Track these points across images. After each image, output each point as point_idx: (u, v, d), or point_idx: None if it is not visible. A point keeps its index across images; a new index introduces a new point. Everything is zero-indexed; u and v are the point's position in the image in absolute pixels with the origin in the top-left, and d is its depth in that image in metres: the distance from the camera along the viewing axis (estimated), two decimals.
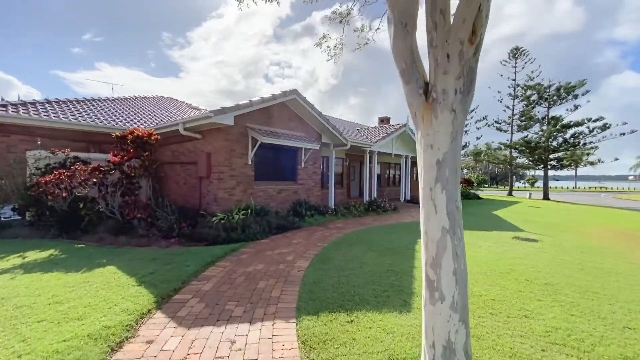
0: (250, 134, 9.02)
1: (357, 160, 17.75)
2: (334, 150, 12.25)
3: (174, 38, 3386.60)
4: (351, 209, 12.16)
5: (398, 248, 6.56)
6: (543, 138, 28.82)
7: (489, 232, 9.18)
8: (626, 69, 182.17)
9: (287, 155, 10.66)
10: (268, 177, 9.99)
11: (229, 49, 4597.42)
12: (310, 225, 9.35)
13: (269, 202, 9.75)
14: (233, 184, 8.72)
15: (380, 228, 9.04)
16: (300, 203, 10.43)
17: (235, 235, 6.86)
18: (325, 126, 10.91)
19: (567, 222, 12.27)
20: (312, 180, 11.33)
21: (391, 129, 15.29)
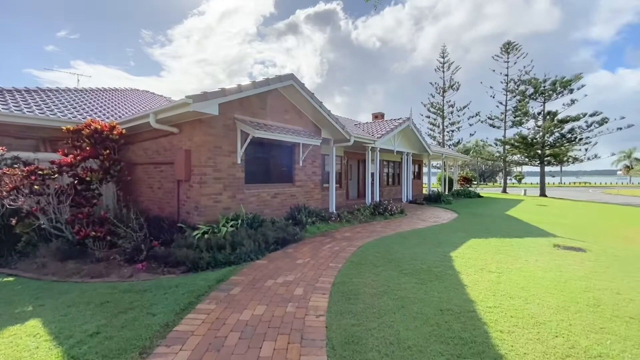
0: (239, 127, 7.42)
1: (354, 158, 16.32)
2: (334, 147, 10.77)
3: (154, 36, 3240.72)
4: (355, 213, 10.71)
5: (434, 268, 5.13)
6: (540, 134, 28.20)
7: (521, 238, 7.89)
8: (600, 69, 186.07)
9: (283, 153, 9.10)
10: (261, 178, 8.40)
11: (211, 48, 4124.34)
12: (313, 235, 7.83)
13: (262, 208, 8.17)
14: (219, 189, 7.10)
15: (396, 238, 7.60)
16: (299, 208, 8.89)
17: (223, 257, 5.27)
18: (327, 119, 9.40)
19: (592, 223, 11.19)
20: (312, 181, 9.81)
21: (394, 123, 13.93)
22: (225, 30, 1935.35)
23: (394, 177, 19.85)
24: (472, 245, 6.95)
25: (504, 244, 7.21)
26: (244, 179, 7.70)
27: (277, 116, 8.53)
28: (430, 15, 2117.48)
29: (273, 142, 8.58)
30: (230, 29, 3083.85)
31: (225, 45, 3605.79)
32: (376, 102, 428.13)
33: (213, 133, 7.00)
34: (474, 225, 9.64)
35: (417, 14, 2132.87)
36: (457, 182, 25.67)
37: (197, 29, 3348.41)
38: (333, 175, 10.79)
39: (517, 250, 6.59)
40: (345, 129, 9.96)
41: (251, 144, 7.93)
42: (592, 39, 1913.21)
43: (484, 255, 6.10)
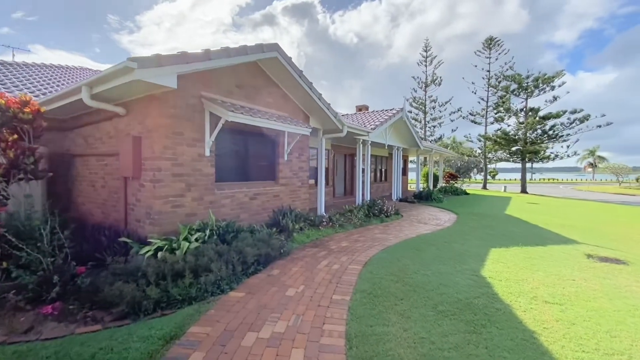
0: (208, 108, 5.71)
1: (341, 152, 14.89)
2: (323, 139, 9.23)
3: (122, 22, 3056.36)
4: (347, 215, 9.27)
5: (475, 300, 3.78)
6: (522, 130, 28.08)
7: (544, 246, 6.78)
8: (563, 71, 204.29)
9: (264, 144, 7.45)
10: (237, 175, 6.74)
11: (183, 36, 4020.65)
12: (302, 245, 6.30)
13: (238, 213, 6.52)
14: (180, 189, 5.39)
15: (404, 249, 6.23)
16: (284, 212, 7.31)
17: (180, 290, 3.62)
18: (317, 103, 7.83)
19: (598, 224, 10.42)
20: (299, 178, 8.23)
21: (388, 114, 12.57)
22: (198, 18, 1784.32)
23: (382, 174, 18.65)
24: (499, 258, 5.71)
25: (531, 255, 6.04)
26: (215, 176, 6.02)
27: (257, 98, 6.86)
28: (406, 13, 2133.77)
29: (252, 130, 6.91)
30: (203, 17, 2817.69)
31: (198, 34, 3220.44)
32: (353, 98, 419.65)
33: (172, 114, 5.25)
34: (482, 230, 8.49)
35: (394, 10, 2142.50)
36: (442, 178, 24.96)
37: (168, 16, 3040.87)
38: (322, 171, 9.27)
39: (553, 265, 5.42)
40: (339, 117, 8.45)
41: (224, 131, 6.24)
42: (557, 42, 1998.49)
43: (521, 274, 4.85)
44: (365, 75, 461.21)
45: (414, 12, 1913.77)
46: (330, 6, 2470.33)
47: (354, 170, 15.69)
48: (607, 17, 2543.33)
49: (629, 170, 49.54)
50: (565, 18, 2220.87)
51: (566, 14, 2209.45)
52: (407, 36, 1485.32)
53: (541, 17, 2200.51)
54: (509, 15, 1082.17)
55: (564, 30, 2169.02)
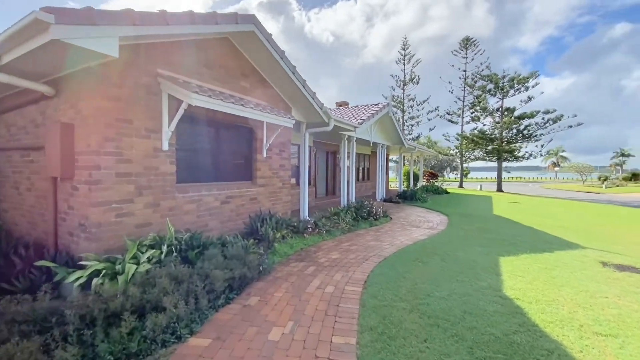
0: (166, 88, 4.52)
1: (323, 149, 13.93)
2: (307, 134, 8.18)
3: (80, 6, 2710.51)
4: (333, 218, 8.30)
5: (514, 336, 2.92)
6: (498, 129, 28.46)
7: (551, 253, 6.16)
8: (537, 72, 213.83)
9: (239, 138, 6.31)
10: (204, 175, 5.57)
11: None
12: (285, 259, 5.25)
13: (207, 221, 5.36)
14: (127, 193, 4.17)
15: (406, 260, 5.34)
16: (263, 217, 6.21)
17: (111, 346, 2.47)
18: (300, 91, 6.78)
19: (590, 225, 10.14)
20: (279, 178, 7.15)
21: (374, 109, 11.71)
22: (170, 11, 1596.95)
23: (364, 172, 17.89)
24: (513, 270, 4.96)
25: (545, 264, 5.37)
26: (176, 176, 4.82)
27: (230, 82, 5.71)
28: (380, 13, 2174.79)
29: (224, 120, 5.76)
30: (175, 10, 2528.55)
31: None
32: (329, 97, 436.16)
33: (116, 96, 4.02)
34: (479, 234, 7.83)
35: (369, 10, 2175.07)
36: (423, 177, 24.68)
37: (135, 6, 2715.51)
38: (305, 170, 8.23)
39: (573, 277, 4.75)
40: (325, 109, 7.44)
41: (188, 120, 5.07)
42: (521, 48, 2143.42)
43: (548, 292, 4.10)
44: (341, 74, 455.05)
45: (388, 13, 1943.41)
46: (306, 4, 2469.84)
47: (336, 169, 14.78)
48: (567, 25, 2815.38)
49: (592, 169, 52.43)
50: (529, 25, 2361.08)
51: (530, 21, 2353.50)
52: (382, 36, 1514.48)
53: (507, 23, 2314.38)
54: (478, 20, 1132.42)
55: (528, 37, 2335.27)
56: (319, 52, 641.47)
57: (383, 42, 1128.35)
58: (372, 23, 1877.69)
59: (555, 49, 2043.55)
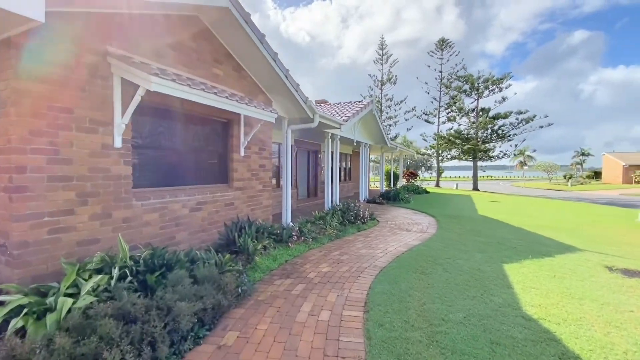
0: (118, 70, 3.63)
1: (304, 149, 13.21)
2: (289, 131, 7.42)
3: None
4: (318, 223, 7.61)
5: None
6: (473, 129, 28.97)
7: (552, 257, 5.82)
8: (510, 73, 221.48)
9: (212, 134, 5.47)
10: (170, 178, 4.69)
11: None
12: (268, 274, 4.49)
13: (173, 233, 4.49)
14: (65, 202, 3.26)
15: (405, 271, 4.74)
16: (241, 226, 5.41)
17: None
18: (282, 82, 6.02)
19: (578, 225, 10.09)
20: (259, 180, 6.35)
21: (359, 106, 11.13)
22: None
23: (345, 172, 17.34)
24: (524, 281, 4.49)
25: (551, 271, 4.97)
26: (132, 179, 3.93)
27: (200, 67, 4.86)
28: (355, 14, 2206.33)
29: (193, 113, 4.91)
30: None
31: None
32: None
33: (50, 77, 3.11)
34: (472, 237, 7.43)
35: (344, 12, 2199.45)
36: (402, 176, 24.57)
37: None
38: (288, 171, 7.46)
39: (587, 286, 4.36)
40: (310, 104, 6.71)
41: (150, 112, 4.20)
42: (488, 52, 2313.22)
43: (570, 308, 3.64)
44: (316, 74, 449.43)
45: (363, 15, 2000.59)
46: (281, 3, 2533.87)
47: (317, 169, 14.11)
48: (530, 32, 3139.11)
49: (558, 168, 55.23)
50: (495, 30, 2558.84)
51: (496, 27, 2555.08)
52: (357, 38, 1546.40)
53: (476, 29, 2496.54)
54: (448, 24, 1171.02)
55: (494, 42, 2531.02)
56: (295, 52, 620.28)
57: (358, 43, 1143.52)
58: (347, 24, 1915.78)
59: (519, 53, 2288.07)
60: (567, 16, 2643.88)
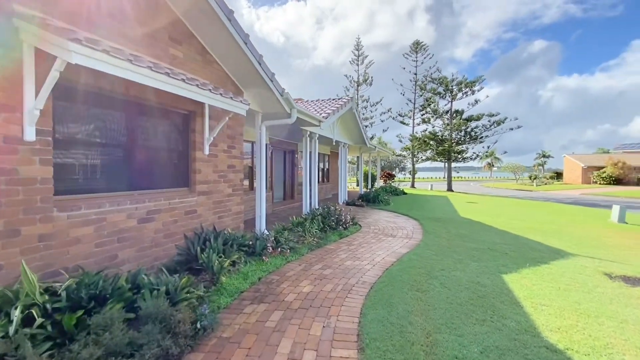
0: (28, 37, 2.69)
1: (280, 148, 12.39)
2: (264, 127, 6.60)
3: None
4: (296, 230, 6.86)
5: None
6: (448, 131, 29.38)
7: (547, 264, 5.44)
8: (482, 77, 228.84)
9: (169, 128, 4.55)
10: (109, 181, 3.76)
11: None
12: (236, 299, 3.68)
13: (115, 251, 3.56)
14: None
15: (398, 289, 4.10)
16: (205, 238, 4.55)
17: None
18: (255, 70, 5.21)
19: (561, 226, 10.01)
20: (229, 182, 5.49)
21: (338, 104, 10.46)
22: None
23: (323, 174, 16.67)
24: (530, 296, 4.00)
25: (553, 282, 4.55)
26: (52, 183, 2.99)
27: (153, 45, 3.96)
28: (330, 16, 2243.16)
29: (142, 101, 3.99)
30: None
31: None
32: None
33: None
34: (461, 242, 6.99)
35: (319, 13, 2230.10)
36: (380, 178, 24.31)
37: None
38: (262, 172, 6.63)
39: (597, 301, 3.94)
40: (287, 96, 5.94)
41: (79, 98, 3.27)
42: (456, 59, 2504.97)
43: (591, 330, 3.15)
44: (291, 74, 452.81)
45: (337, 17, 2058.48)
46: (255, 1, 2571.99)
47: (294, 170, 13.33)
48: (495, 40, 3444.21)
49: (524, 169, 57.88)
50: (463, 37, 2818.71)
51: (463, 34, 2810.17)
52: (331, 40, 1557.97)
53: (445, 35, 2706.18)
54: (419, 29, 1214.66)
55: (462, 48, 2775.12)
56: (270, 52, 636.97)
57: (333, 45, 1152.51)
58: (322, 25, 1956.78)
59: (485, 60, 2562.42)
60: (528, 26, 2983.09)
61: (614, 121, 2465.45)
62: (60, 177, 3.13)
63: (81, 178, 3.44)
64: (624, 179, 41.14)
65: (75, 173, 3.38)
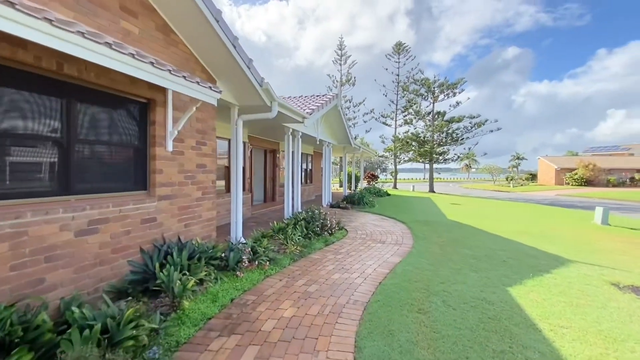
0: None
1: (260, 147, 11.62)
2: (240, 122, 5.87)
3: None
4: (277, 237, 6.18)
5: None
6: (430, 132, 29.46)
7: (549, 274, 5.03)
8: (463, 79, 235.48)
9: (121, 118, 3.75)
10: (37, 184, 2.94)
11: None
12: (202, 329, 2.96)
13: (41, 273, 2.75)
14: None
15: (396, 308, 3.52)
16: (167, 250, 3.81)
17: None
18: (230, 54, 4.49)
19: (545, 228, 9.81)
20: (198, 184, 4.73)
21: (324, 99, 9.82)
22: None
23: (306, 174, 16.01)
24: (546, 316, 3.51)
25: (563, 296, 4.12)
26: None
27: (97, 15, 3.17)
28: (312, 17, 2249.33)
29: (86, 85, 3.20)
30: None
31: None
32: None
33: None
34: (455, 249, 6.53)
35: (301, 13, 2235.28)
36: (363, 178, 23.92)
37: None
38: (239, 172, 5.89)
39: (615, 319, 3.52)
40: (267, 86, 5.24)
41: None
42: (435, 62, 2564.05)
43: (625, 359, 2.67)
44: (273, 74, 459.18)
45: (319, 18, 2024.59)
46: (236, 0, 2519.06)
47: (276, 171, 12.59)
48: (471, 45, 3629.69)
49: (501, 170, 59.47)
50: (441, 42, 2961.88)
51: (442, 39, 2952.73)
52: (313, 40, 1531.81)
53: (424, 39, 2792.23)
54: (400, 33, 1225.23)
55: (440, 53, 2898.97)
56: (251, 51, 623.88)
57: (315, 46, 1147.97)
58: (304, 26, 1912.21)
59: (462, 65, 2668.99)
60: (502, 33, 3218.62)
61: (581, 126, 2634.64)
62: None
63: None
64: (594, 181, 42.94)
65: None
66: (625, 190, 35.05)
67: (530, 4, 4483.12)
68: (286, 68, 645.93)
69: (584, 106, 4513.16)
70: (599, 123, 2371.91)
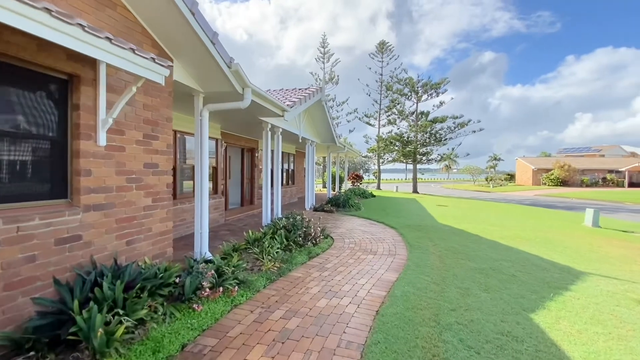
0: None
1: (236, 145, 10.56)
2: (206, 112, 4.87)
3: None
4: (251, 250, 5.23)
5: None
6: (413, 132, 29.16)
7: (569, 291, 4.37)
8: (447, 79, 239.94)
9: (18, 97, 2.69)
10: None
11: None
12: None
13: None
14: None
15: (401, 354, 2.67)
16: (93, 282, 2.78)
17: None
18: (189, 24, 3.50)
19: (538, 231, 9.32)
20: (145, 188, 3.71)
21: (307, 92, 8.89)
22: None
23: (288, 175, 15.03)
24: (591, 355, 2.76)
25: (600, 323, 3.42)
26: None
27: None
28: (294, 17, 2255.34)
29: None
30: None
31: None
32: None
33: None
34: (456, 260, 5.81)
35: (283, 12, 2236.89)
36: (348, 179, 23.19)
37: None
38: (204, 172, 4.88)
39: None
40: (236, 67, 4.27)
41: None
42: (415, 65, 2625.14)
43: None
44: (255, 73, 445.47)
45: (301, 18, 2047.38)
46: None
47: (254, 171, 11.56)
48: (450, 49, 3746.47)
49: (480, 171, 60.53)
50: (421, 45, 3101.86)
51: (421, 42, 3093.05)
52: (295, 40, 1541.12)
53: (405, 42, 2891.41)
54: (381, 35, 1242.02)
55: (420, 56, 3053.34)
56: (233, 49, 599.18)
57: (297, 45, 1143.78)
58: (286, 25, 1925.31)
59: (441, 68, 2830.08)
60: (479, 38, 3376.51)
61: (551, 128, 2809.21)
62: None
63: None
64: (569, 181, 44.28)
65: None
66: (598, 190, 36.21)
67: (505, 10, 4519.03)
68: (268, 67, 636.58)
69: (554, 110, 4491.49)
70: (568, 126, 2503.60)
